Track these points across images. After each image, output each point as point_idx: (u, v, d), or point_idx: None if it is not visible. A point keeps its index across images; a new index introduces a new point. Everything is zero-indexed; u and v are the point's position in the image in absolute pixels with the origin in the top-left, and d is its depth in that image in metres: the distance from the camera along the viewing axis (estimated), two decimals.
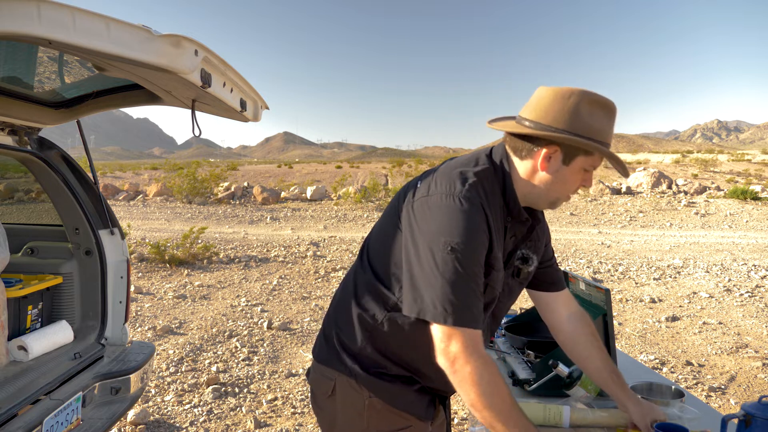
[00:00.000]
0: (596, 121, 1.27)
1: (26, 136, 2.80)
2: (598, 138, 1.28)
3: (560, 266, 2.00)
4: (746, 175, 30.90)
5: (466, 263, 1.21)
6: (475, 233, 1.22)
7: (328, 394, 1.42)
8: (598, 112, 1.28)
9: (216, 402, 3.83)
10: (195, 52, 1.69)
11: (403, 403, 1.38)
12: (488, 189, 1.31)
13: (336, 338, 1.43)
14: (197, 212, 16.89)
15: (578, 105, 1.27)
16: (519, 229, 1.40)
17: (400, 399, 1.38)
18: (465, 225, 1.22)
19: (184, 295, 6.80)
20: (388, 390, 1.37)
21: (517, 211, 1.36)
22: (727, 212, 17.11)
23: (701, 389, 4.20)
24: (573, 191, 1.36)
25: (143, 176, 29.58)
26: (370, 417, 1.37)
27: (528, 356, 1.97)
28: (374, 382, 1.37)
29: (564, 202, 1.39)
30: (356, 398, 1.38)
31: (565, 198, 1.36)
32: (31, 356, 2.50)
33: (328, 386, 1.41)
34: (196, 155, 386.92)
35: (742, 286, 7.55)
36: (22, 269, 2.84)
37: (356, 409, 1.38)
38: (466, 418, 3.58)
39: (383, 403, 1.37)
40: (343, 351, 1.40)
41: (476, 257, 1.23)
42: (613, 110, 1.30)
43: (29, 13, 1.35)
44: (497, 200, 1.33)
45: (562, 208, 18.08)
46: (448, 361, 1.22)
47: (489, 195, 1.30)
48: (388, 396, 1.37)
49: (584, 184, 1.35)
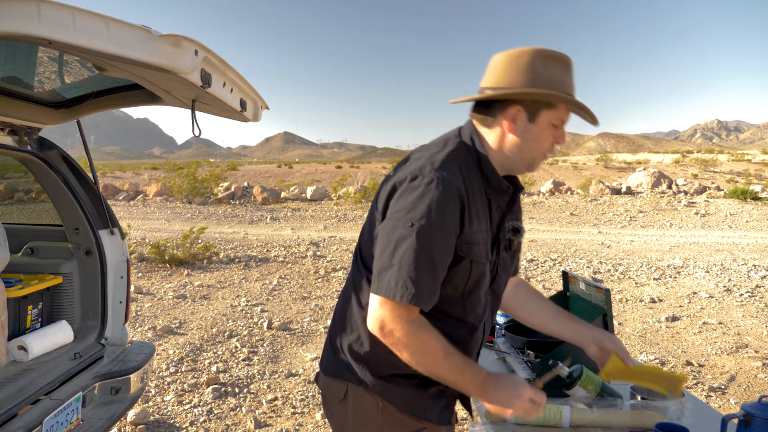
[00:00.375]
0: (553, 74, 1.28)
1: (26, 136, 2.80)
2: (565, 89, 1.28)
3: (560, 266, 2.00)
4: (746, 175, 30.91)
5: (425, 241, 1.21)
6: (440, 211, 1.22)
7: (340, 399, 1.40)
8: (552, 65, 1.28)
9: (216, 402, 3.83)
10: (195, 52, 1.69)
11: (416, 408, 1.37)
12: (462, 166, 1.31)
13: (344, 346, 1.41)
14: (197, 212, 16.90)
15: (532, 61, 1.27)
16: (502, 199, 1.40)
17: (413, 404, 1.37)
18: (429, 203, 1.22)
19: (184, 295, 6.80)
20: (401, 395, 1.36)
21: (496, 181, 1.35)
22: (727, 212, 17.12)
23: (701, 389, 4.20)
24: (547, 149, 1.34)
25: (143, 176, 29.59)
26: (383, 420, 1.36)
27: (528, 356, 1.97)
28: (387, 388, 1.35)
29: (543, 162, 1.37)
30: (369, 402, 1.36)
31: (541, 157, 1.35)
32: (31, 356, 2.50)
33: (340, 391, 1.40)
34: (196, 155, 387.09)
35: (742, 286, 7.55)
36: (22, 269, 2.84)
37: (369, 414, 1.37)
38: (466, 418, 3.58)
39: (396, 408, 1.36)
40: (353, 358, 1.38)
41: (440, 235, 1.23)
42: (567, 62, 1.30)
43: (29, 13, 1.35)
44: (474, 175, 1.33)
45: (562, 209, 18.08)
46: (377, 326, 1.24)
47: (464, 171, 1.30)
48: (401, 401, 1.36)
49: (557, 141, 1.34)
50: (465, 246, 1.28)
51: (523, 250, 10.54)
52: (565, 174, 34.16)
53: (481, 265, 1.32)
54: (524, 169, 1.37)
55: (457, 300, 1.34)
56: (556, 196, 21.79)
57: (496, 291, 1.46)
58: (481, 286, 1.36)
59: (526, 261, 9.24)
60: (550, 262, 9.20)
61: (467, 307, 1.36)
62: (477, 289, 1.35)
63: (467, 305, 1.35)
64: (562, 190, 23.20)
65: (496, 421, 1.63)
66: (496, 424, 1.62)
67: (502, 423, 1.63)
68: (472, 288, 1.33)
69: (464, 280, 1.31)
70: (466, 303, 1.35)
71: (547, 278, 8.03)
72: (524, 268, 8.68)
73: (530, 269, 8.66)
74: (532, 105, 1.29)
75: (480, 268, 1.32)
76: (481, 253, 1.31)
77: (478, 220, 1.30)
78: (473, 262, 1.30)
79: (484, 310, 1.41)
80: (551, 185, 23.58)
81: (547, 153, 1.35)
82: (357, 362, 1.38)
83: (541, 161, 1.36)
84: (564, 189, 23.28)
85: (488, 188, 1.35)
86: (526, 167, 1.37)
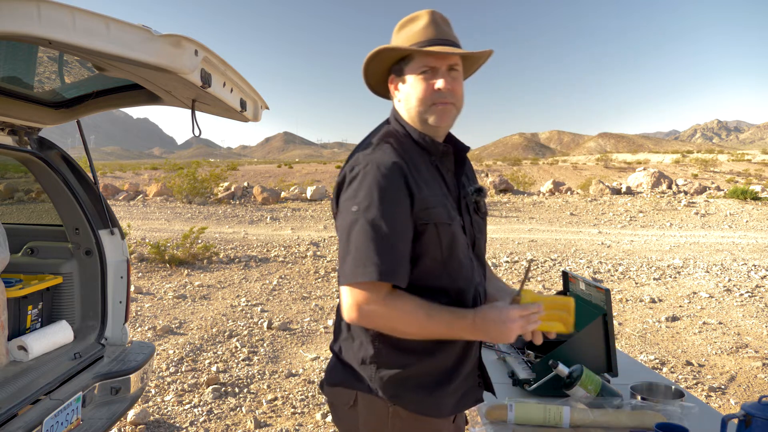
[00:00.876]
0: (406, 31, 1.38)
1: (26, 136, 2.80)
2: (412, 42, 1.36)
3: (560, 266, 2.00)
4: (746, 175, 30.92)
5: (372, 219, 1.25)
6: (381, 188, 1.26)
7: (350, 405, 1.39)
8: (405, 26, 1.39)
9: (216, 402, 3.83)
10: (195, 52, 1.69)
11: (429, 407, 1.36)
12: (395, 143, 1.37)
13: (349, 354, 1.40)
14: (197, 212, 16.90)
15: (395, 31, 1.41)
16: (448, 161, 1.44)
17: (425, 404, 1.36)
18: (368, 185, 1.27)
19: (184, 295, 6.81)
20: (413, 398, 1.35)
21: (430, 145, 1.40)
22: (727, 212, 17.11)
23: (701, 389, 4.20)
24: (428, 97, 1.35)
25: (143, 176, 29.59)
26: (394, 426, 1.35)
27: (528, 356, 1.97)
28: (398, 392, 1.35)
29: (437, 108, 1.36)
30: (380, 408, 1.35)
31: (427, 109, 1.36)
32: (31, 356, 2.50)
33: (350, 397, 1.39)
34: (196, 155, 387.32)
35: (742, 286, 7.55)
36: (22, 269, 2.84)
37: (380, 419, 1.36)
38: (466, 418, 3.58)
39: (408, 411, 1.35)
40: (360, 365, 1.37)
41: (387, 209, 1.26)
42: (418, 15, 1.39)
43: (29, 13, 1.35)
44: (410, 147, 1.38)
45: (562, 209, 18.08)
46: (354, 315, 1.26)
47: (398, 147, 1.36)
48: (413, 404, 1.35)
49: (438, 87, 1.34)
50: (423, 212, 1.30)
51: (523, 250, 10.55)
52: (565, 174, 34.18)
53: (447, 226, 1.34)
54: (432, 123, 1.38)
55: (440, 269, 1.35)
56: (556, 196, 21.79)
57: (479, 256, 1.48)
58: (457, 247, 1.36)
59: (526, 261, 9.25)
60: (550, 262, 9.20)
61: (452, 273, 1.37)
62: (455, 252, 1.36)
63: (452, 271, 1.36)
64: (562, 190, 23.21)
65: (496, 421, 1.63)
66: (496, 424, 1.62)
67: (502, 423, 1.63)
68: (449, 252, 1.34)
69: (438, 247, 1.33)
70: (449, 269, 1.36)
71: (547, 278, 8.03)
72: (524, 268, 8.68)
73: (530, 269, 8.66)
74: (396, 67, 1.40)
75: (447, 229, 1.34)
76: (441, 213, 1.33)
77: (428, 186, 1.34)
78: (437, 225, 1.32)
79: (473, 273, 1.42)
80: (551, 185, 23.58)
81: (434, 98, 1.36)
82: (364, 368, 1.36)
83: (437, 115, 1.37)
84: (564, 189, 23.29)
85: (431, 156, 1.40)
86: (430, 120, 1.38)
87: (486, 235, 1.53)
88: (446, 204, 1.36)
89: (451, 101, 1.36)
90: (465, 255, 1.40)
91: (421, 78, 1.35)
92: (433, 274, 1.34)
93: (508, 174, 29.03)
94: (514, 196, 21.92)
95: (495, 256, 9.61)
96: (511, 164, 39.51)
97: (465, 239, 1.40)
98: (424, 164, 1.38)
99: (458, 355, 1.40)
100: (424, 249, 1.32)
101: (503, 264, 8.99)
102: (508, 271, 8.45)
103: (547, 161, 45.95)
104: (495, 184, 23.37)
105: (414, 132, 1.40)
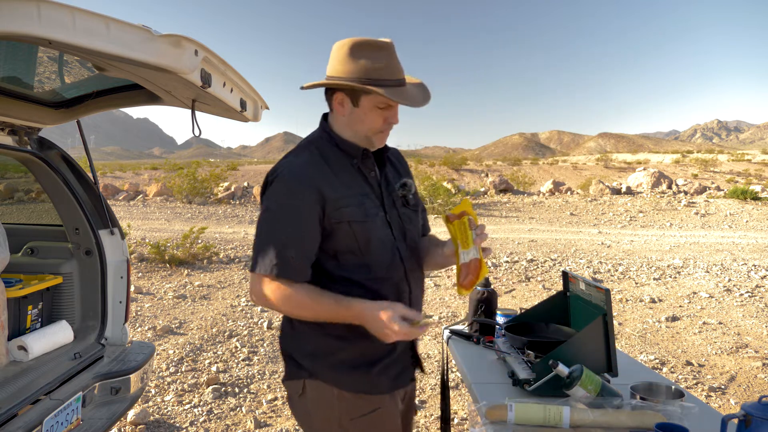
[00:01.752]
0: (368, 62, 1.39)
1: (26, 136, 2.80)
2: (374, 76, 1.39)
3: (560, 266, 2.00)
4: (746, 175, 30.91)
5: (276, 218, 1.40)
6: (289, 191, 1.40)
7: (300, 393, 1.51)
8: (367, 53, 1.40)
9: (216, 402, 3.83)
10: (195, 52, 1.69)
11: (365, 386, 1.48)
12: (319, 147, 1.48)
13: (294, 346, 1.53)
14: (197, 212, 16.89)
15: (349, 52, 1.41)
16: (369, 163, 1.52)
17: (362, 384, 1.48)
18: (278, 187, 1.41)
19: (184, 295, 6.81)
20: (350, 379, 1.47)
21: (353, 148, 1.49)
22: (727, 212, 17.11)
23: (701, 389, 4.20)
24: (379, 128, 1.47)
25: (143, 176, 29.58)
26: (341, 407, 1.47)
27: (528, 356, 1.97)
28: (336, 375, 1.47)
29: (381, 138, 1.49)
30: (326, 391, 1.47)
31: (374, 134, 1.48)
32: (31, 356, 2.50)
33: (299, 386, 1.51)
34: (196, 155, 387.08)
35: (742, 286, 7.55)
36: (22, 269, 2.84)
37: (327, 402, 1.47)
38: (466, 418, 3.58)
39: (350, 392, 1.47)
40: (303, 354, 1.50)
41: (292, 211, 1.39)
42: (381, 46, 1.41)
43: (29, 13, 1.35)
44: (333, 152, 1.49)
45: (562, 209, 18.08)
46: (255, 299, 1.44)
47: (321, 151, 1.48)
48: (351, 384, 1.47)
49: (389, 120, 1.46)
50: (336, 212, 1.42)
51: (523, 250, 10.54)
52: (565, 174, 34.17)
53: (361, 224, 1.44)
54: (365, 144, 1.50)
55: (359, 263, 1.46)
56: (556, 196, 21.79)
57: (411, 245, 1.57)
58: (374, 241, 1.46)
59: (526, 261, 9.25)
60: (550, 262, 9.20)
61: (373, 264, 1.47)
62: (372, 247, 1.46)
63: (371, 263, 1.47)
64: (562, 190, 23.20)
65: (497, 421, 1.63)
66: (496, 424, 1.62)
67: (502, 423, 1.63)
68: (366, 248, 1.45)
69: (354, 243, 1.44)
70: (368, 263, 1.46)
71: (547, 278, 8.03)
72: (524, 268, 8.68)
73: (530, 269, 8.66)
74: (353, 92, 1.43)
75: (361, 227, 1.44)
76: (355, 213, 1.44)
77: (344, 187, 1.45)
78: (351, 223, 1.43)
79: (396, 265, 1.51)
80: (551, 185, 23.58)
81: (382, 131, 1.48)
82: (306, 358, 1.49)
83: (380, 139, 1.50)
84: (564, 189, 23.28)
85: (352, 159, 1.50)
86: (366, 142, 1.50)
87: (418, 225, 1.64)
88: (364, 203, 1.46)
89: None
90: (386, 249, 1.49)
91: (378, 112, 1.44)
92: (352, 267, 1.46)
93: (508, 174, 29.04)
94: (514, 196, 21.92)
95: (495, 256, 9.61)
96: (511, 164, 39.51)
97: (388, 233, 1.50)
98: (346, 166, 1.49)
99: None
100: (340, 245, 1.44)
101: (503, 264, 8.99)
102: (508, 271, 8.45)
103: (547, 161, 45.96)
104: (495, 184, 23.36)
105: (339, 139, 1.50)
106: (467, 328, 2.39)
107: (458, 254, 1.49)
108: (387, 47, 1.42)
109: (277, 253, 1.39)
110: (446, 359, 2.52)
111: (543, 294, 7.07)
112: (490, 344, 2.22)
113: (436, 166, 34.67)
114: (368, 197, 1.49)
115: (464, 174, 33.05)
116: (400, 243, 1.53)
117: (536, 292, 7.22)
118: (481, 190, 23.09)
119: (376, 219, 1.47)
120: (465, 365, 2.06)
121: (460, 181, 28.79)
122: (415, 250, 1.60)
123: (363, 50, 1.40)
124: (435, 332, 5.45)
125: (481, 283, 2.39)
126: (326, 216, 1.41)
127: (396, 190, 1.57)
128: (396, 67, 1.43)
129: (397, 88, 1.41)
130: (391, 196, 1.56)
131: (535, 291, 7.27)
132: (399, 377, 1.55)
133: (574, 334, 1.93)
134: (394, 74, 1.42)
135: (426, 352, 4.89)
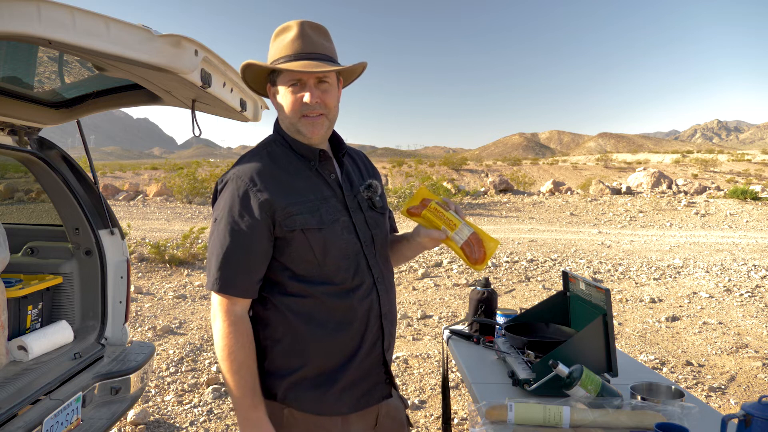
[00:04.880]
0: (278, 42, 1.40)
1: (26, 136, 2.80)
2: (277, 56, 1.38)
3: (560, 266, 2.00)
4: (746, 175, 30.92)
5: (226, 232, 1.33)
6: (236, 203, 1.33)
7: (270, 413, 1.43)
8: (279, 35, 1.40)
9: (216, 402, 3.83)
10: (195, 52, 1.69)
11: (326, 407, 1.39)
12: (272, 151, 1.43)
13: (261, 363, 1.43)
14: (197, 212, 16.89)
15: (272, 39, 1.42)
16: (329, 165, 1.46)
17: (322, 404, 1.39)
18: (226, 198, 1.35)
19: (184, 295, 6.80)
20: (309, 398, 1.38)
21: (307, 150, 1.43)
22: (727, 212, 17.11)
23: (701, 389, 4.20)
24: (298, 109, 1.38)
25: (143, 176, 29.59)
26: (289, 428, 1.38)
27: (528, 356, 1.97)
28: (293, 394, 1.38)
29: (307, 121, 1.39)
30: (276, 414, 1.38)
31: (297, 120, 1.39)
32: (31, 356, 2.49)
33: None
34: (196, 155, 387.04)
35: (742, 286, 7.55)
36: (22, 269, 2.84)
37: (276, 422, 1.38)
38: (466, 418, 3.58)
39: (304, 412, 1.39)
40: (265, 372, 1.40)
41: (240, 224, 1.32)
42: (288, 26, 1.40)
43: (29, 13, 1.35)
44: (288, 155, 1.43)
45: (562, 209, 18.08)
46: (211, 319, 1.38)
47: (274, 155, 1.42)
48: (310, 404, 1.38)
49: (305, 100, 1.37)
50: (288, 220, 1.34)
51: (523, 250, 10.54)
52: (565, 174, 34.18)
53: (316, 232, 1.36)
54: (305, 133, 1.41)
55: (317, 272, 1.37)
56: (556, 196, 21.78)
57: (379, 249, 1.50)
58: (333, 250, 1.38)
59: (526, 261, 9.25)
60: (550, 262, 9.20)
61: (334, 276, 1.38)
62: (330, 255, 1.37)
63: (330, 273, 1.38)
64: (562, 190, 23.20)
65: (497, 421, 1.63)
66: (496, 424, 1.62)
67: (502, 423, 1.63)
68: (324, 255, 1.36)
69: (310, 252, 1.35)
70: (327, 271, 1.38)
71: (547, 278, 8.03)
72: (524, 268, 8.68)
73: (530, 269, 8.66)
74: (271, 77, 1.43)
75: (317, 235, 1.36)
76: (309, 220, 1.35)
77: (297, 192, 1.37)
78: (305, 231, 1.34)
79: (366, 270, 1.43)
80: (551, 185, 23.58)
81: (303, 110, 1.38)
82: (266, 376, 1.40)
83: (306, 126, 1.39)
84: (564, 189, 23.28)
85: (310, 162, 1.44)
86: (299, 132, 1.41)
87: (386, 229, 1.56)
88: (319, 209, 1.38)
89: (321, 112, 1.40)
90: (349, 257, 1.41)
91: (290, 91, 1.39)
92: (310, 279, 1.37)
93: (508, 174, 29.03)
94: (514, 196, 21.91)
95: (495, 256, 9.61)
96: (511, 164, 39.53)
97: (352, 239, 1.42)
98: (301, 170, 1.42)
99: (351, 352, 1.42)
100: (296, 254, 1.36)
101: (503, 264, 8.99)
102: (508, 271, 8.45)
103: (547, 161, 45.96)
104: (495, 184, 23.36)
105: (292, 141, 1.44)
106: (467, 328, 2.39)
107: (451, 239, 1.43)
108: (289, 27, 1.40)
109: (220, 267, 1.32)
110: (446, 359, 2.52)
111: (543, 294, 7.07)
112: (490, 344, 2.22)
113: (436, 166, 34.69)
114: (327, 202, 1.40)
115: (464, 174, 33.06)
116: (368, 248, 1.45)
117: (536, 292, 7.22)
118: (481, 190, 23.09)
119: (335, 225, 1.39)
120: (465, 365, 2.06)
121: (460, 181, 28.81)
122: (384, 256, 1.53)
123: (275, 36, 1.41)
124: (435, 332, 5.45)
125: (481, 283, 2.39)
126: (277, 225, 1.33)
127: (361, 192, 1.50)
128: (295, 43, 1.37)
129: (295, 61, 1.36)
130: (356, 198, 1.48)
131: (535, 291, 7.27)
132: (366, 396, 1.45)
133: (574, 334, 1.93)
134: (295, 49, 1.37)
135: (426, 352, 4.88)
